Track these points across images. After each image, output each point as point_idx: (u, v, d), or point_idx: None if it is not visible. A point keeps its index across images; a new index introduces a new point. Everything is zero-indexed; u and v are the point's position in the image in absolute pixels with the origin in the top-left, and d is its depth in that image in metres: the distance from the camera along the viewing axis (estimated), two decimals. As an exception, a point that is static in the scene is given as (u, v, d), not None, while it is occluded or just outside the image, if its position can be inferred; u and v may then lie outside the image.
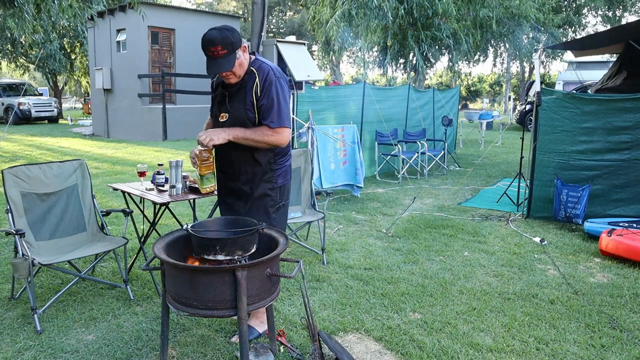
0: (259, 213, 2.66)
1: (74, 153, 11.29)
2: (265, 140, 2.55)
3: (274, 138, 2.56)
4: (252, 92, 2.54)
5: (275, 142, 2.58)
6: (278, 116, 2.54)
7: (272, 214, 2.72)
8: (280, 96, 2.55)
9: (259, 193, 2.67)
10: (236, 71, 2.51)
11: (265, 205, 2.69)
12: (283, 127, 2.56)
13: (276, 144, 2.59)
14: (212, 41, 2.41)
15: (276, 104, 2.54)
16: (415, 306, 3.31)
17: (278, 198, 2.74)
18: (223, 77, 2.56)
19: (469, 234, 5.04)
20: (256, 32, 7.15)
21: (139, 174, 3.63)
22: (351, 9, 13.97)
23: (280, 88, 2.56)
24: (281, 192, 2.76)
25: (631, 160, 5.09)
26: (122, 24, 14.53)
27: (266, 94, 2.52)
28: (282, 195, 2.77)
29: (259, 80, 2.53)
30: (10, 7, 8.49)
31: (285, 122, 2.57)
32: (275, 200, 2.73)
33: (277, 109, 2.54)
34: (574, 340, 2.89)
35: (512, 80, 34.41)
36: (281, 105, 2.55)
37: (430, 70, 17.92)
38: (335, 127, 6.60)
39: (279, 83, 2.56)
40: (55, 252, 3.29)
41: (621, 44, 7.21)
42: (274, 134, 2.55)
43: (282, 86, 2.58)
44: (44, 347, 2.73)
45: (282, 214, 2.83)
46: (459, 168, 9.56)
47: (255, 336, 2.82)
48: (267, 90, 2.52)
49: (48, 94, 26.91)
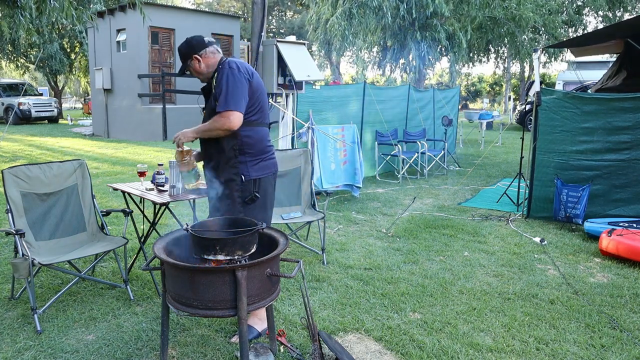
0: (225, 198, 2.75)
1: (74, 153, 11.29)
2: (215, 126, 2.69)
3: (220, 122, 2.66)
4: (213, 85, 2.76)
5: (222, 125, 2.66)
6: (224, 101, 2.65)
7: (239, 203, 2.76)
8: (229, 82, 2.67)
9: (223, 178, 2.77)
10: (202, 71, 2.81)
11: (231, 190, 2.75)
12: (228, 111, 2.64)
13: (225, 127, 2.66)
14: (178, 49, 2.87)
15: (224, 90, 2.66)
16: (415, 306, 3.31)
17: (251, 188, 2.77)
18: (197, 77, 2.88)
19: (469, 234, 5.04)
20: (256, 32, 7.14)
21: (139, 174, 3.63)
22: (352, 7, 13.97)
23: (230, 75, 2.68)
24: (255, 184, 2.79)
25: (631, 160, 5.09)
26: (122, 24, 14.53)
27: (218, 83, 2.71)
28: (256, 188, 2.80)
29: (217, 74, 2.74)
30: (14, 7, 8.48)
31: (231, 105, 2.64)
32: (243, 190, 2.76)
33: (224, 94, 2.66)
34: (574, 340, 2.89)
35: (512, 80, 34.41)
36: (229, 91, 2.66)
37: (430, 70, 17.92)
38: (335, 127, 6.60)
39: (231, 71, 2.69)
40: (55, 252, 3.29)
41: (621, 43, 7.22)
42: (220, 118, 2.66)
43: (234, 74, 2.70)
44: (44, 347, 2.73)
45: (259, 208, 2.83)
46: (459, 168, 9.56)
47: (254, 335, 2.82)
48: (219, 80, 2.70)
49: (48, 94, 26.92)
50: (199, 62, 2.79)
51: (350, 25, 14.39)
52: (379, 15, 14.05)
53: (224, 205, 2.77)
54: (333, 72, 27.35)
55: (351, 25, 14.43)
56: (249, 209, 2.78)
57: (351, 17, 14.19)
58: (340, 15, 13.98)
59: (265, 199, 2.86)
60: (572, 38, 14.26)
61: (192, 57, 2.80)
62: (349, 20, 14.27)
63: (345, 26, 14.19)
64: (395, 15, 14.06)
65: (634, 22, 6.40)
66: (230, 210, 2.76)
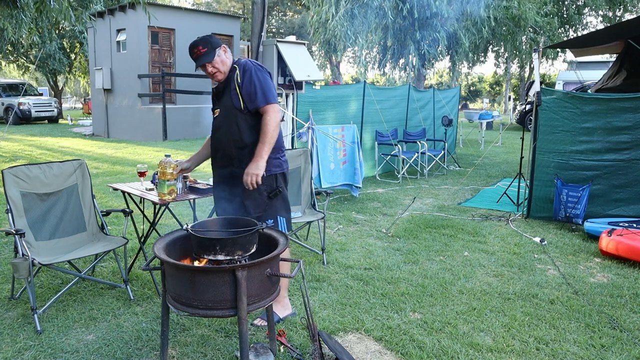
0: (253, 193, 2.80)
1: (74, 153, 11.29)
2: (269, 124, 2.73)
3: (269, 117, 2.73)
4: (235, 82, 2.80)
5: (274, 119, 2.74)
6: (263, 95, 2.75)
7: (266, 197, 2.86)
8: (261, 79, 2.78)
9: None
10: (220, 67, 2.81)
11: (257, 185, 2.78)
12: (271, 104, 2.76)
13: (277, 119, 2.76)
14: (194, 44, 2.80)
15: (259, 86, 2.76)
16: (415, 306, 3.31)
17: (274, 183, 2.89)
18: (211, 75, 2.84)
19: (469, 234, 5.04)
20: (256, 32, 7.14)
21: (139, 174, 3.63)
22: (353, 7, 13.97)
23: (259, 72, 2.80)
24: (276, 179, 2.91)
25: (631, 160, 5.09)
26: (122, 24, 14.53)
27: (248, 80, 2.77)
28: (278, 182, 2.92)
29: (239, 71, 2.81)
30: (14, 8, 8.49)
31: (271, 98, 2.77)
32: (268, 184, 2.84)
33: (260, 90, 2.76)
34: (574, 340, 2.89)
35: (512, 80, 34.40)
36: (263, 86, 2.77)
37: (430, 70, 17.91)
38: (335, 127, 6.60)
39: (258, 69, 2.81)
40: (55, 252, 3.29)
41: (621, 43, 7.22)
42: (267, 115, 2.74)
43: (261, 71, 2.82)
44: (44, 347, 2.73)
45: (281, 201, 2.95)
46: (459, 168, 9.56)
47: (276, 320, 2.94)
48: (249, 77, 2.78)
49: (48, 94, 26.91)
50: (226, 52, 2.85)
51: (352, 25, 14.39)
52: (380, 14, 14.05)
53: (250, 201, 2.82)
54: (333, 72, 27.35)
55: (353, 25, 14.43)
56: (272, 204, 2.90)
57: (353, 17, 14.20)
58: (343, 15, 13.98)
59: (284, 193, 2.98)
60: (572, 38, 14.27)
61: (222, 47, 2.84)
62: (351, 20, 14.27)
63: (347, 26, 14.19)
64: (396, 15, 14.06)
65: (634, 23, 6.40)
66: (257, 205, 2.83)
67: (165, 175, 3.12)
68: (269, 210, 2.88)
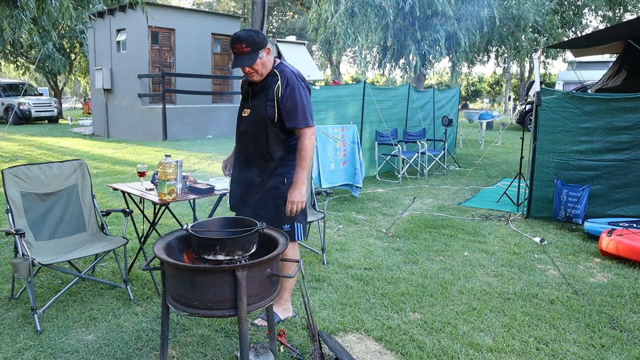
0: (267, 203, 2.81)
1: (74, 153, 11.29)
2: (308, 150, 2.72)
3: (307, 141, 2.72)
4: (274, 92, 2.70)
5: (311, 143, 2.73)
6: (304, 117, 2.71)
7: (280, 206, 2.82)
8: (303, 98, 2.72)
9: (270, 185, 2.81)
10: (259, 69, 2.68)
11: (275, 196, 2.81)
12: (310, 127, 2.73)
13: (313, 143, 2.75)
14: (237, 39, 2.62)
15: (300, 106, 2.70)
16: (415, 306, 3.31)
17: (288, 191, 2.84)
18: (247, 74, 2.72)
19: (469, 234, 5.03)
20: (256, 32, 7.16)
21: (139, 174, 3.63)
22: (354, 6, 13.97)
23: (302, 90, 2.73)
24: None
25: (631, 161, 5.09)
26: (122, 24, 14.53)
27: (290, 97, 2.69)
28: None
29: (281, 83, 2.70)
30: (15, 8, 8.49)
31: (310, 121, 2.74)
32: (285, 194, 2.80)
33: (302, 111, 2.71)
34: (574, 340, 2.89)
35: (512, 80, 34.40)
36: (305, 107, 2.72)
37: (430, 70, 17.92)
38: (335, 127, 6.60)
39: (301, 86, 2.74)
40: (55, 252, 3.28)
41: (621, 43, 7.22)
42: (305, 138, 2.72)
43: (304, 89, 2.76)
44: (44, 347, 2.73)
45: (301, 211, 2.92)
46: (459, 168, 9.56)
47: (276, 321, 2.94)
48: (291, 94, 2.69)
49: (48, 94, 26.92)
50: (269, 54, 2.73)
51: (352, 24, 14.38)
52: (380, 14, 14.05)
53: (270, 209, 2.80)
54: (333, 72, 27.35)
55: (353, 24, 14.42)
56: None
57: (353, 16, 14.19)
58: (343, 13, 13.98)
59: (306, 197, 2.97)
60: (572, 38, 14.27)
61: (266, 48, 2.70)
62: (351, 19, 14.26)
63: (348, 25, 14.18)
64: (397, 14, 14.06)
65: (634, 23, 6.40)
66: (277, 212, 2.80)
67: (165, 175, 3.12)
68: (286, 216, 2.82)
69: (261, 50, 2.65)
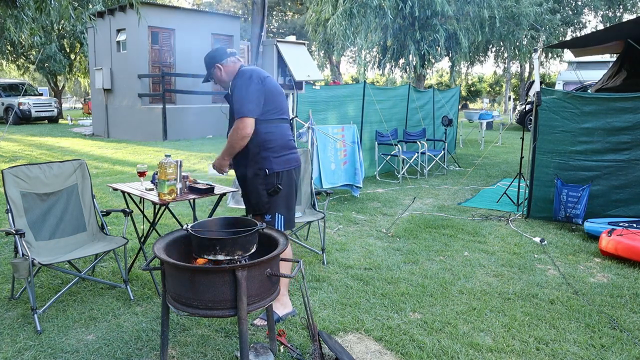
0: (252, 191, 3.00)
1: (74, 153, 11.29)
2: (231, 137, 2.88)
3: (236, 132, 2.84)
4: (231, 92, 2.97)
5: (239, 134, 2.84)
6: (240, 108, 2.84)
7: (265, 195, 2.97)
8: (239, 87, 2.86)
9: (250, 173, 2.98)
10: (223, 78, 3.00)
11: (256, 183, 2.96)
12: (241, 118, 2.83)
13: (241, 135, 2.84)
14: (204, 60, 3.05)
15: (238, 98, 2.85)
16: (415, 306, 3.32)
17: (275, 181, 2.97)
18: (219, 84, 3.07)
19: (469, 234, 5.04)
20: (256, 32, 7.14)
21: (138, 174, 3.63)
22: (352, 7, 13.97)
23: (242, 81, 2.86)
24: (278, 177, 2.98)
25: (631, 161, 5.09)
26: (122, 24, 14.52)
27: (233, 91, 2.91)
28: (279, 180, 2.99)
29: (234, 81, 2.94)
30: (14, 8, 8.49)
31: (243, 112, 2.82)
32: (268, 182, 2.95)
33: (238, 102, 2.85)
34: (574, 340, 2.89)
35: (512, 80, 34.40)
36: (240, 97, 2.84)
37: (430, 70, 17.92)
38: (336, 127, 6.60)
39: (243, 77, 2.88)
40: (55, 252, 3.29)
41: (621, 43, 7.22)
42: (235, 129, 2.85)
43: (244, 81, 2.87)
44: (44, 347, 2.73)
45: (282, 198, 3.03)
46: (459, 168, 9.56)
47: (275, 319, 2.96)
48: (234, 88, 2.91)
49: (48, 94, 26.90)
50: (220, 70, 3.00)
51: (351, 24, 14.38)
52: (380, 14, 14.04)
53: (253, 197, 3.00)
54: (333, 72, 27.35)
55: (352, 25, 14.42)
56: (274, 200, 3.00)
57: (351, 17, 14.19)
58: (341, 14, 13.97)
59: (289, 189, 3.06)
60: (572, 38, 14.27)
61: (215, 66, 3.00)
62: (350, 20, 14.26)
63: (346, 25, 14.18)
64: (396, 14, 14.06)
65: (634, 23, 6.40)
66: (258, 202, 2.99)
67: (165, 175, 3.13)
68: (268, 206, 3.00)
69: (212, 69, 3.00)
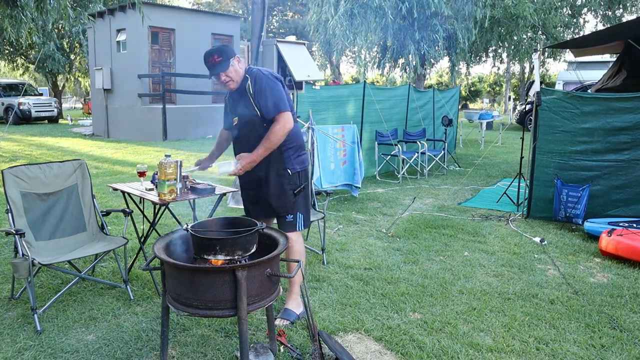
0: (277, 192, 2.97)
1: (74, 153, 11.29)
2: (275, 134, 2.82)
3: (278, 126, 2.82)
4: (248, 92, 2.90)
5: (282, 128, 2.83)
6: (274, 106, 2.84)
7: (291, 195, 2.99)
8: (271, 87, 2.86)
9: (273, 175, 2.96)
10: (232, 76, 2.90)
11: (282, 183, 2.96)
12: (280, 113, 2.84)
13: (284, 129, 2.84)
14: (209, 53, 2.89)
15: (269, 95, 2.85)
16: (415, 306, 3.32)
17: (298, 181, 3.02)
18: (224, 83, 2.94)
19: (469, 234, 5.04)
20: (256, 32, 7.13)
21: (138, 174, 3.63)
22: (353, 8, 13.97)
23: (269, 81, 2.88)
24: (300, 176, 3.03)
25: (631, 161, 5.09)
26: (122, 24, 14.53)
27: (259, 91, 2.87)
28: (301, 179, 3.04)
29: (251, 82, 2.90)
30: (14, 8, 8.49)
31: (281, 107, 2.85)
32: (292, 182, 2.99)
33: (271, 100, 2.84)
34: (574, 340, 2.89)
35: (512, 80, 34.40)
36: (274, 95, 2.85)
37: (430, 70, 17.92)
38: (335, 127, 6.60)
39: (267, 78, 2.89)
40: (55, 252, 3.29)
41: (621, 43, 7.22)
42: (277, 124, 2.83)
43: (272, 80, 2.90)
44: (44, 347, 2.73)
45: (305, 197, 3.09)
46: (459, 168, 9.56)
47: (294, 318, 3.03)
48: (259, 88, 2.87)
49: (48, 94, 26.89)
50: (238, 63, 2.93)
51: (352, 25, 14.38)
52: (380, 14, 14.04)
53: (278, 199, 2.96)
54: (333, 72, 27.36)
55: (352, 25, 14.42)
56: (298, 200, 3.02)
57: (352, 17, 14.19)
58: (342, 15, 13.97)
59: (307, 189, 3.10)
60: (572, 38, 14.27)
61: (236, 57, 2.93)
62: (350, 20, 14.26)
63: (347, 26, 14.18)
64: (396, 15, 14.06)
65: (634, 23, 6.40)
66: (284, 202, 2.97)
67: (165, 175, 3.13)
68: (292, 206, 3.01)
69: (232, 59, 2.89)
